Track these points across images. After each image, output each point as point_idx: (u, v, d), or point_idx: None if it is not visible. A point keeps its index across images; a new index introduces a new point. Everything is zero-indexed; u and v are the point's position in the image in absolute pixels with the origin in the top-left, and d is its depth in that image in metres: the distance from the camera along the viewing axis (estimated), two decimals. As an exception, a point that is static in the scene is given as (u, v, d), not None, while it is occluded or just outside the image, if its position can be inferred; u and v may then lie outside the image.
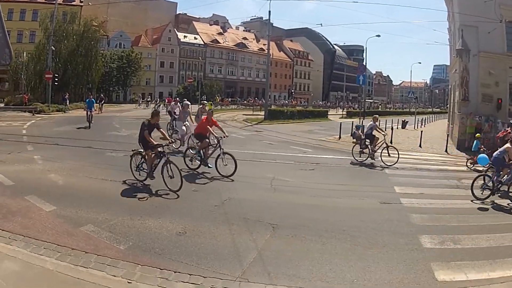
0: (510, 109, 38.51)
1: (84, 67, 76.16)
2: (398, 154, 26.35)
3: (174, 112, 32.00)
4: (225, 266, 10.23)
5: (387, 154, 26.29)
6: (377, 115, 28.43)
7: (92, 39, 78.13)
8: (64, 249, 10.39)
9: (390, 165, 25.40)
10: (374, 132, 26.91)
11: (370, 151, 26.45)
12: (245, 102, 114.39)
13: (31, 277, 9.08)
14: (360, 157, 26.25)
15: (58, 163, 19.73)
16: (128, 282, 9.16)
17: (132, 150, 17.97)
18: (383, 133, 27.55)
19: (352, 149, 27.25)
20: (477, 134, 28.61)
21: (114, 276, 9.38)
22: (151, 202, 15.24)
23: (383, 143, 26.75)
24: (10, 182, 16.51)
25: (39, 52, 71.72)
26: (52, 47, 64.92)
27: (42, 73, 65.61)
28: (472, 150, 27.25)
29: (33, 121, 36.38)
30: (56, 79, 62.02)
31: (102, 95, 69.51)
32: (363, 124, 30.10)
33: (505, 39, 37.52)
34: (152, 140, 16.83)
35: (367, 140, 26.73)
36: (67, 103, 60.45)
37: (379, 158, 26.40)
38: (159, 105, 69.00)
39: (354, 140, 28.65)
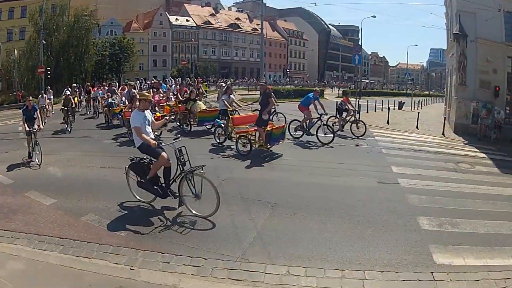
0: (508, 98, 38.62)
1: (76, 57, 75.97)
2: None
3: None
4: (226, 247, 10.48)
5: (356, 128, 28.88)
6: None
7: (83, 29, 77.65)
8: (66, 242, 10.65)
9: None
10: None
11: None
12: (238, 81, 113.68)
13: (36, 274, 9.31)
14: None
15: (56, 155, 19.92)
16: (131, 269, 9.42)
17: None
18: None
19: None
20: None
21: (117, 264, 9.65)
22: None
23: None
24: (9, 181, 16.68)
25: (30, 48, 71.56)
26: (43, 41, 64.76)
27: (35, 68, 65.58)
28: None
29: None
30: (49, 72, 61.99)
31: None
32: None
33: (503, 28, 37.38)
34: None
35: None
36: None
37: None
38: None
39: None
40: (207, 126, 28.48)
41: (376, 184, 16.59)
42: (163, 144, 13.17)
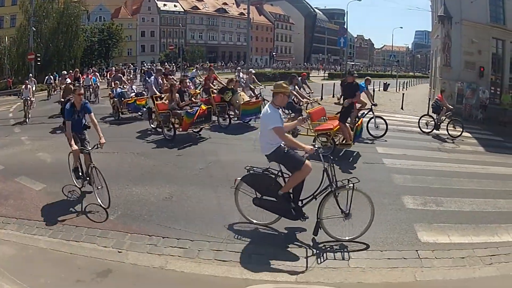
0: (492, 78, 38.80)
1: (65, 44, 75.60)
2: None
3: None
4: (212, 228, 10.53)
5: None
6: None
7: (72, 15, 77.22)
8: (55, 226, 10.66)
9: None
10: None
11: None
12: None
13: (26, 258, 9.34)
14: None
15: (45, 141, 19.84)
16: (119, 252, 9.46)
17: None
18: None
19: None
20: None
21: (105, 247, 9.69)
22: (137, 170, 15.59)
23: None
24: (0, 167, 16.60)
25: (20, 35, 71.27)
26: (33, 27, 64.47)
27: (25, 55, 65.18)
28: None
29: (18, 103, 36.09)
30: (39, 59, 61.57)
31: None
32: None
33: (488, 10, 37.57)
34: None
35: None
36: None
37: None
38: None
39: None
40: (246, 120, 24.35)
41: (361, 164, 16.74)
42: None
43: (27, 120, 27.35)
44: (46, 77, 48.18)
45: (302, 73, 27.86)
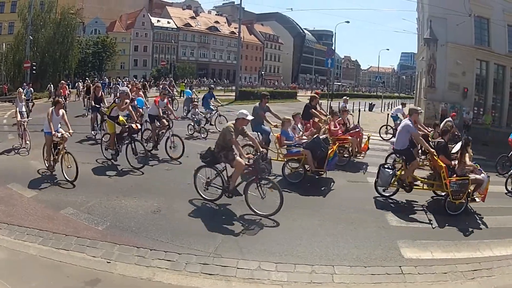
0: (476, 99, 39.13)
1: (61, 54, 74.91)
2: None
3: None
4: (199, 242, 10.44)
5: None
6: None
7: (68, 26, 76.62)
8: (45, 234, 10.53)
9: None
10: None
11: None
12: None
13: (16, 264, 9.20)
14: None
15: (38, 149, 19.55)
16: (107, 262, 9.35)
17: None
18: None
19: None
20: None
21: (94, 256, 9.58)
22: (126, 182, 15.37)
23: None
24: (-9, 173, 16.30)
25: (17, 42, 70.74)
26: (30, 36, 64.30)
27: (21, 62, 64.68)
28: None
29: (13, 110, 35.86)
30: (34, 68, 61.21)
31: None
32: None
33: (473, 33, 38.10)
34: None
35: None
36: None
37: None
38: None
39: None
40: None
41: (346, 183, 16.69)
42: None
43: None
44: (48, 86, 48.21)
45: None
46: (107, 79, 64.82)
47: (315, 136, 17.01)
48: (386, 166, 14.88)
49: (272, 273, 9.21)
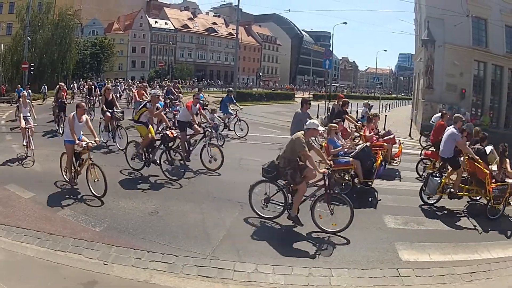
0: (474, 99, 39.18)
1: (59, 55, 75.05)
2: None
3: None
4: (196, 244, 10.43)
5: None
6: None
7: (66, 27, 76.70)
8: (43, 235, 10.53)
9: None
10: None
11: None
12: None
13: (14, 265, 9.19)
14: None
15: (36, 150, 19.50)
16: (104, 264, 9.35)
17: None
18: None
19: None
20: None
21: (91, 258, 9.57)
22: (123, 184, 15.30)
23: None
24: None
25: (16, 43, 70.67)
26: (28, 37, 64.22)
27: (19, 63, 64.54)
28: None
29: (11, 111, 35.60)
30: (32, 69, 61.08)
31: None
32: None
33: (471, 33, 38.13)
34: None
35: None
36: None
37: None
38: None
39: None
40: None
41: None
42: None
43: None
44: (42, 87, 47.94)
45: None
46: (101, 81, 64.61)
47: (364, 145, 16.46)
48: (434, 174, 14.75)
49: (269, 276, 9.20)
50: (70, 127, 14.08)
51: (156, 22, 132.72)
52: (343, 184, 15.70)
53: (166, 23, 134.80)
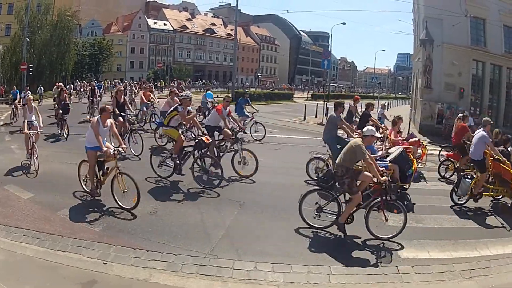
0: (472, 99, 39.24)
1: (58, 56, 74.88)
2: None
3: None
4: (195, 243, 10.43)
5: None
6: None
7: (65, 28, 76.54)
8: (42, 235, 10.52)
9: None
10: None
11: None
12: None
13: (13, 265, 9.19)
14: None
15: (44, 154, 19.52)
16: (104, 263, 9.33)
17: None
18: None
19: None
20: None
21: (90, 258, 9.56)
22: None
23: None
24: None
25: (14, 44, 70.49)
26: (27, 38, 64.17)
27: (18, 64, 64.43)
28: None
29: (9, 112, 35.53)
30: (31, 69, 60.99)
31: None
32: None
33: (469, 33, 38.11)
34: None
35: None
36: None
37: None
38: None
39: None
40: None
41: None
42: None
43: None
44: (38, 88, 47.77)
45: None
46: (96, 82, 64.45)
47: (400, 149, 16.07)
48: (466, 176, 14.82)
49: (268, 274, 9.20)
50: (95, 132, 12.87)
51: (154, 22, 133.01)
52: None
53: (164, 24, 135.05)
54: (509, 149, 15.38)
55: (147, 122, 27.63)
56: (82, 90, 55.86)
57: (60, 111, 25.77)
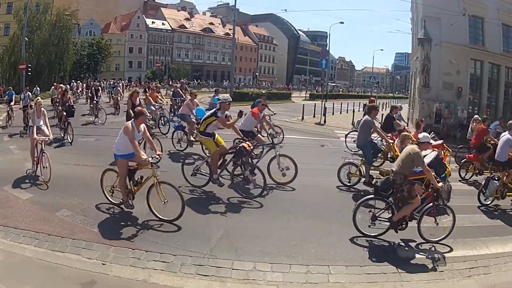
0: (470, 98, 39.31)
1: (56, 56, 75.01)
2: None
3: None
4: (194, 243, 10.42)
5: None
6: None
7: (64, 28, 76.63)
8: (41, 236, 10.50)
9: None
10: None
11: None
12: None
13: (12, 266, 9.18)
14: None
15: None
16: (103, 264, 9.34)
17: None
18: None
19: None
20: None
21: (89, 258, 9.55)
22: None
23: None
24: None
25: (13, 44, 70.41)
26: (26, 38, 64.13)
27: (17, 64, 64.35)
28: None
29: (5, 114, 35.36)
30: (30, 69, 61.07)
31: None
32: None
33: (467, 32, 38.18)
34: None
35: None
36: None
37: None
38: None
39: None
40: None
41: (339, 183, 16.39)
42: None
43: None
44: (34, 89, 47.49)
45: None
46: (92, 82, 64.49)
47: (435, 153, 15.05)
48: (493, 177, 15.13)
49: (267, 274, 9.21)
50: (130, 139, 11.80)
51: (153, 22, 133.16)
52: None
53: (163, 23, 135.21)
54: None
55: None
56: (78, 90, 55.57)
57: (64, 113, 24.27)
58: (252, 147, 14.84)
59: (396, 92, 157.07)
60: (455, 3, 36.35)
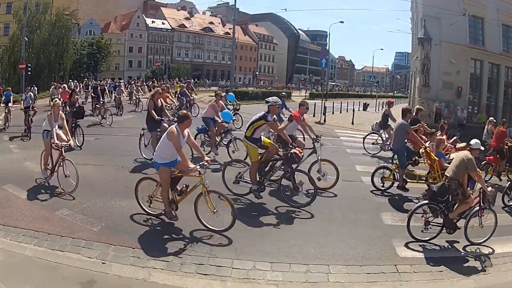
0: (470, 97, 39.38)
1: (56, 55, 74.96)
2: None
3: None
4: (194, 242, 10.45)
5: None
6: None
7: (63, 27, 76.57)
8: (41, 235, 10.51)
9: None
10: None
11: None
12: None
13: (12, 265, 9.18)
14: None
15: (33, 151, 19.41)
16: (103, 263, 9.34)
17: None
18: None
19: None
20: None
21: (89, 257, 9.55)
22: (121, 183, 15.19)
23: None
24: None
25: (13, 44, 70.36)
26: (25, 37, 64.08)
27: (16, 64, 64.27)
28: None
29: (3, 115, 35.23)
30: (29, 69, 60.85)
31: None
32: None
33: (467, 32, 38.29)
34: None
35: None
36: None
37: None
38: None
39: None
40: None
41: (341, 182, 16.06)
42: None
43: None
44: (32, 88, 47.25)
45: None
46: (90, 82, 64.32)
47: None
48: None
49: (267, 273, 9.21)
50: (176, 146, 10.79)
51: (153, 21, 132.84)
52: None
53: (163, 23, 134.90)
54: None
55: None
56: (77, 90, 55.49)
57: (72, 117, 22.10)
58: (303, 154, 14.05)
59: (396, 92, 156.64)
60: (455, 3, 36.46)
